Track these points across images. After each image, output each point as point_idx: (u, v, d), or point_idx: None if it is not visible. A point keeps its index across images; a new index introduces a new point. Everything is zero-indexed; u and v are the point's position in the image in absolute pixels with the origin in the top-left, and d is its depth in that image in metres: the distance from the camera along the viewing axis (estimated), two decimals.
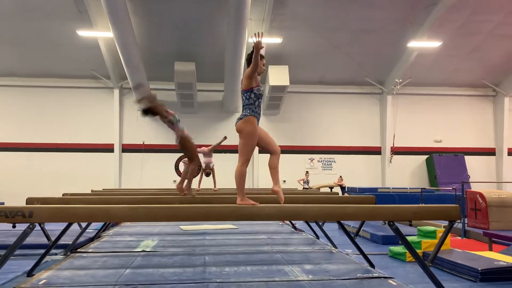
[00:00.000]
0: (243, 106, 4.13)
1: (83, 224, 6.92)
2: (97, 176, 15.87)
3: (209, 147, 9.17)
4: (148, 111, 5.60)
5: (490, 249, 7.12)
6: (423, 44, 14.50)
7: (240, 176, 4.04)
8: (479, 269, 4.87)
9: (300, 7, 13.39)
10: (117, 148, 16.48)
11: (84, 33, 13.56)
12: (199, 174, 9.02)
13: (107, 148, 16.45)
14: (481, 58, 15.94)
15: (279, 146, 14.39)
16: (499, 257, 5.57)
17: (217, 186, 9.21)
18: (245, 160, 4.07)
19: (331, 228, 9.07)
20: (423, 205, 4.04)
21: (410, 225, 9.92)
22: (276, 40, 14.12)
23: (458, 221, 9.11)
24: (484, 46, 15.21)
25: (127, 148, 16.50)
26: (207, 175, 9.05)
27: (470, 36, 14.71)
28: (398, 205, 4.05)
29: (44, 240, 6.43)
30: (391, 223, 3.73)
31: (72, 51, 14.87)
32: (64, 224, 5.46)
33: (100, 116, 16.62)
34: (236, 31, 12.17)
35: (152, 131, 16.80)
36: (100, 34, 13.63)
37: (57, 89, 16.56)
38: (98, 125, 16.55)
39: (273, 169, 4.24)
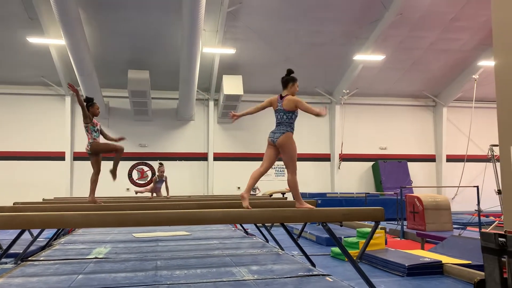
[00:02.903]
0: (281, 123, 4.73)
1: (35, 233, 6.93)
2: (48, 185, 15.55)
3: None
4: (89, 102, 6.25)
5: (422, 248, 7.81)
6: (368, 57, 15.41)
7: (295, 185, 4.60)
8: (406, 265, 5.44)
9: (253, 20, 13.89)
10: (68, 156, 16.24)
11: (35, 40, 13.36)
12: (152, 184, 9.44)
13: (58, 156, 16.18)
14: (421, 71, 17.11)
15: (233, 153, 15.05)
16: (426, 254, 6.20)
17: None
18: (294, 170, 4.62)
19: (282, 232, 9.50)
20: (353, 207, 4.52)
21: (341, 225, 10.55)
22: (230, 51, 14.53)
23: (396, 223, 9.85)
24: (423, 60, 16.37)
25: (79, 156, 16.26)
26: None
27: (410, 51, 15.79)
28: (330, 207, 4.51)
29: None
30: (324, 224, 4.18)
31: (22, 58, 14.59)
32: (14, 234, 5.52)
33: (51, 123, 16.33)
34: (190, 41, 12.45)
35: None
36: (52, 41, 13.49)
37: (6, 95, 16.14)
38: (49, 132, 16.25)
39: (254, 179, 4.87)
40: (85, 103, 6.30)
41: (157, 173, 10.11)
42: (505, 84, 2.68)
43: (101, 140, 6.64)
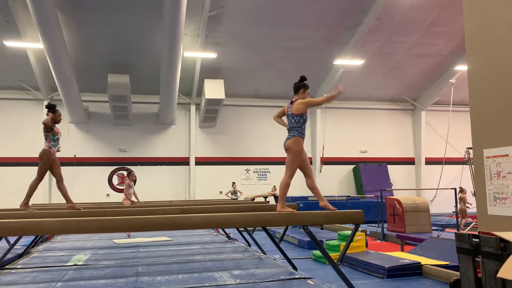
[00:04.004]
0: (290, 127, 4.72)
1: (12, 240, 6.79)
2: (25, 192, 15.21)
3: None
4: (51, 108, 6.06)
5: (402, 250, 7.92)
6: (348, 62, 15.61)
7: (285, 187, 4.63)
8: (386, 267, 5.52)
9: (234, 24, 13.92)
10: None
11: (11, 43, 13.11)
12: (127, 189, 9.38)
13: (36, 162, 15.83)
14: (400, 75, 17.41)
15: (215, 157, 15.05)
16: (406, 256, 6.30)
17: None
18: (291, 174, 4.63)
19: (264, 236, 9.51)
20: (333, 211, 4.58)
21: (322, 228, 10.63)
22: (211, 55, 14.52)
23: (377, 225, 9.97)
24: (402, 64, 16.68)
25: None
26: None
27: (389, 56, 16.07)
28: (311, 211, 4.55)
29: None
30: (305, 227, 4.21)
31: None
32: None
33: (28, 128, 15.99)
34: (171, 45, 12.40)
35: (84, 144, 16.48)
36: (29, 45, 13.24)
37: None
38: (26, 138, 15.91)
39: (314, 189, 4.77)
40: (47, 110, 6.20)
41: (130, 179, 9.84)
42: (478, 89, 2.76)
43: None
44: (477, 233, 2.65)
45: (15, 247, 6.85)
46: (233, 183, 16.06)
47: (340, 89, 4.69)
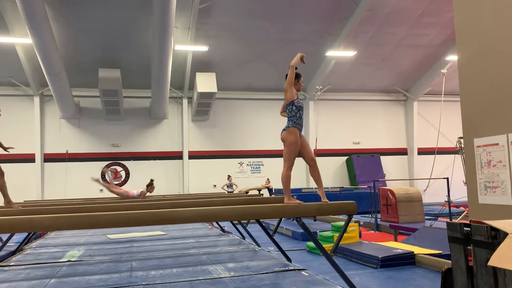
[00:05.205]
0: (287, 118, 4.72)
1: (4, 238, 6.75)
2: (17, 188, 15.03)
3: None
4: None
5: (396, 240, 7.98)
6: (339, 53, 15.59)
7: (286, 180, 4.59)
8: (379, 257, 5.56)
9: (225, 17, 13.83)
10: (38, 158, 15.82)
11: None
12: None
13: (28, 159, 15.74)
14: (392, 66, 17.43)
15: (209, 151, 14.97)
16: (399, 246, 6.35)
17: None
18: (290, 166, 4.61)
19: (258, 228, 9.53)
20: (325, 202, 4.59)
21: (315, 220, 10.67)
22: (202, 48, 14.43)
23: (370, 216, 10.02)
24: (394, 55, 16.69)
25: (49, 158, 15.89)
26: None
27: (380, 46, 16.07)
28: (304, 203, 4.56)
29: None
30: (298, 219, 4.22)
31: None
32: None
33: (19, 125, 15.83)
34: (161, 39, 12.30)
35: (76, 140, 16.35)
36: (18, 40, 13.08)
37: None
38: (17, 134, 15.73)
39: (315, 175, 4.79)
40: None
41: (148, 190, 9.74)
42: (468, 79, 2.77)
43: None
44: (468, 222, 2.67)
45: (7, 244, 6.81)
46: (229, 176, 16.07)
47: (300, 54, 4.71)
